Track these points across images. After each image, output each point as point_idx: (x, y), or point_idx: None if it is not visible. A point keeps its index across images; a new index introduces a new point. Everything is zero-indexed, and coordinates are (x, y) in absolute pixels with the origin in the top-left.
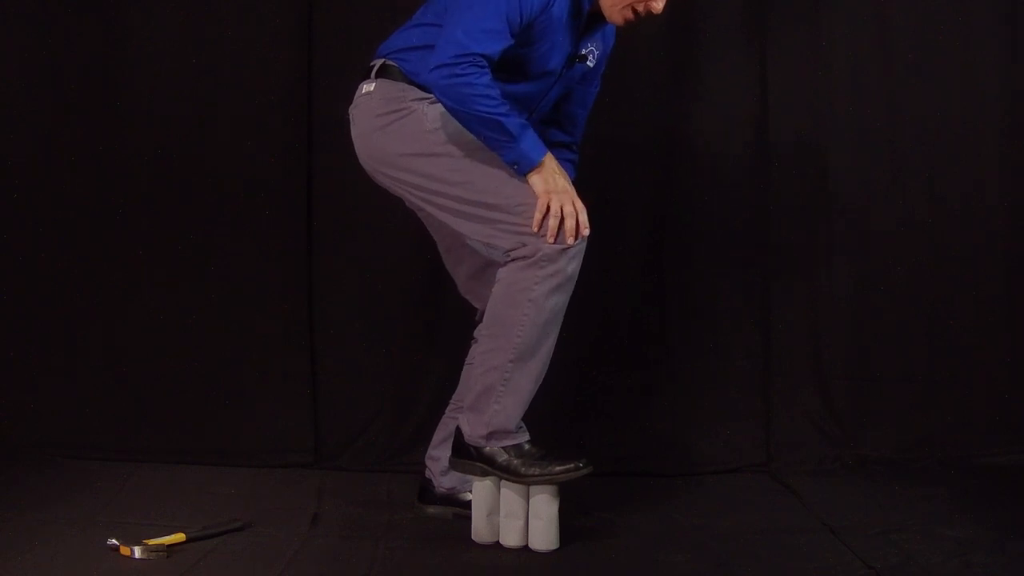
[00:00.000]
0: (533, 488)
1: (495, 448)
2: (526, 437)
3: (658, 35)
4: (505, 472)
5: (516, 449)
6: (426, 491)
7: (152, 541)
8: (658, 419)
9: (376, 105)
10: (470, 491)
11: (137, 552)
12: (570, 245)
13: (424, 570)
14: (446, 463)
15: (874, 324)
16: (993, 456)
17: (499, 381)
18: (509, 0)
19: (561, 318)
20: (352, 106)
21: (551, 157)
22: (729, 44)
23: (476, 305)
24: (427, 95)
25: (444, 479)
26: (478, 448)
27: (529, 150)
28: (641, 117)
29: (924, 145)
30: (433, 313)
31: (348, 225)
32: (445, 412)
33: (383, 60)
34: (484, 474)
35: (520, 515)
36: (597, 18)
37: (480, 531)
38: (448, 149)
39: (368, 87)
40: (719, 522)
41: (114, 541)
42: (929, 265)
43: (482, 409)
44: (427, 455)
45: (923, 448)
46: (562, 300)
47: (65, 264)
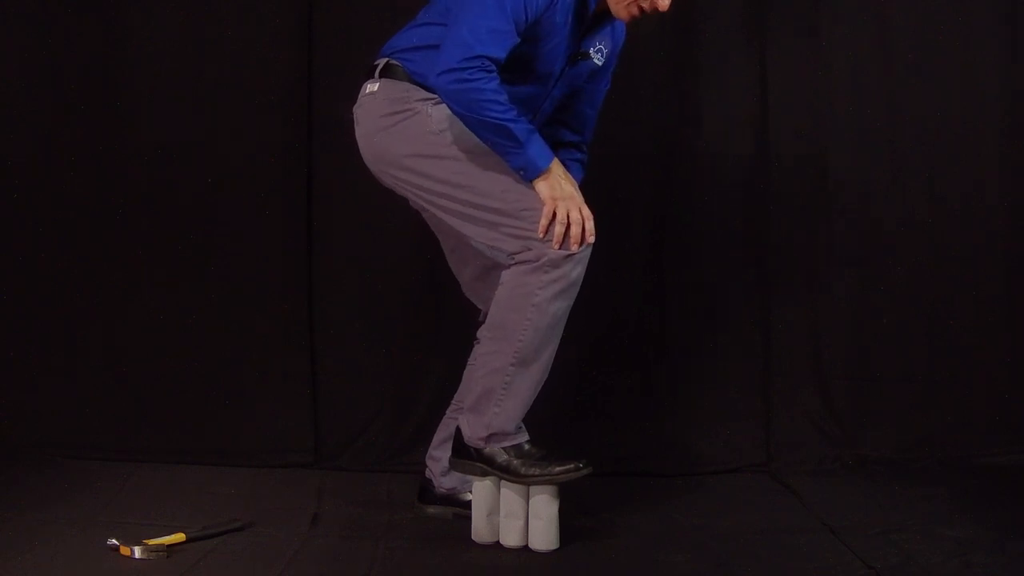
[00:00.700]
0: (533, 488)
1: (495, 448)
2: (525, 437)
3: (658, 35)
4: (505, 472)
5: (516, 449)
6: (426, 491)
7: (152, 541)
8: (658, 419)
9: (380, 105)
10: (470, 491)
11: (137, 552)
12: (575, 252)
13: (424, 570)
14: (446, 463)
15: (874, 324)
16: (993, 456)
17: (500, 384)
18: (501, 13)
19: (564, 322)
20: (356, 105)
21: (558, 163)
22: (729, 45)
23: (479, 306)
24: (432, 96)
25: (444, 479)
26: (478, 449)
27: (536, 156)
28: (641, 117)
29: (924, 145)
30: (433, 313)
31: (348, 225)
32: (446, 412)
33: (387, 59)
34: (484, 474)
35: (520, 515)
36: (604, 15)
37: (480, 531)
38: (453, 152)
39: (372, 87)
40: (719, 522)
41: (114, 541)
42: (929, 265)
43: (482, 411)
44: (427, 455)
45: (923, 448)
46: (565, 305)
47: (65, 264)
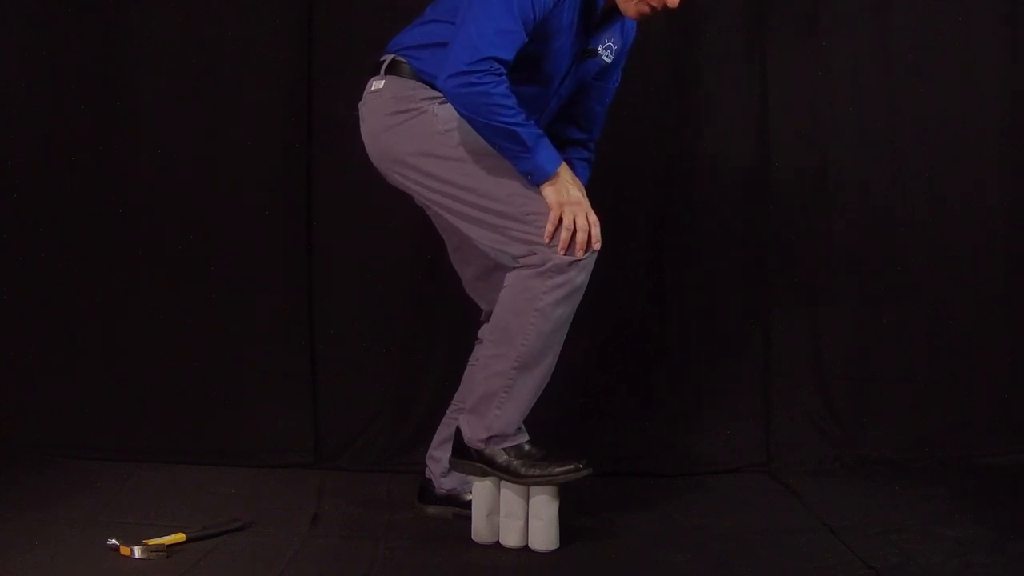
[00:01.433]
0: (533, 488)
1: (495, 449)
2: (525, 438)
3: (659, 36)
4: (505, 473)
5: (516, 450)
6: (426, 491)
7: (152, 541)
8: (658, 419)
9: (386, 103)
10: (470, 492)
11: (137, 552)
12: (580, 258)
13: (424, 570)
14: (447, 464)
15: (874, 324)
16: (993, 456)
17: (502, 387)
18: (508, 15)
19: (567, 327)
20: (361, 103)
21: (566, 167)
22: (729, 44)
23: (481, 306)
24: (438, 94)
25: (445, 480)
26: (478, 450)
27: (544, 161)
28: (641, 117)
29: (924, 145)
30: (433, 313)
31: (348, 225)
32: (446, 413)
33: (393, 56)
34: (484, 474)
35: (520, 515)
36: (614, 12)
37: (480, 531)
38: (459, 153)
39: (378, 84)
40: (719, 522)
41: (114, 541)
42: (929, 265)
43: (483, 413)
44: (428, 455)
45: (923, 448)
46: (569, 310)
47: (65, 264)
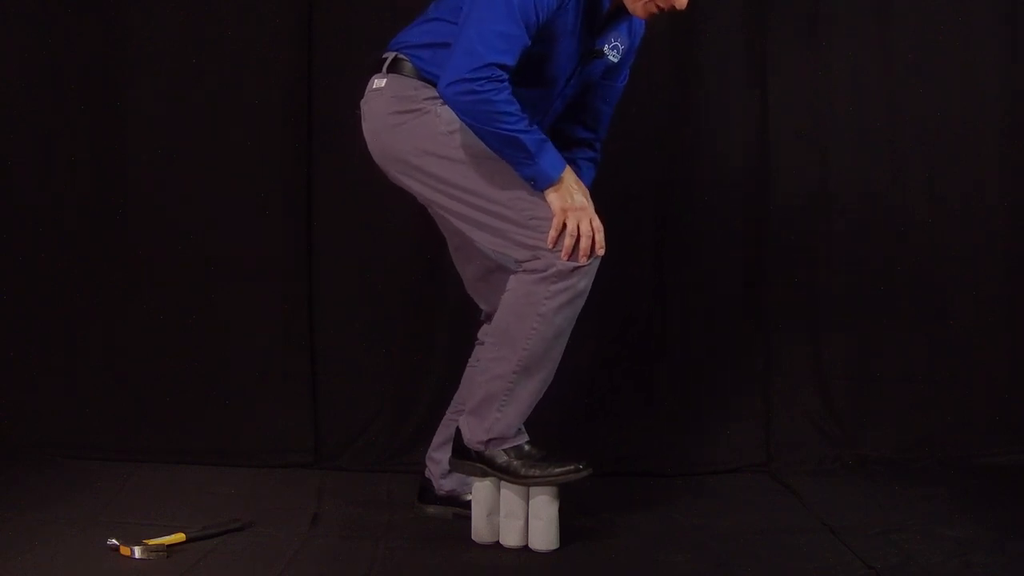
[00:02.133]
0: (533, 489)
1: (495, 450)
2: (525, 439)
3: (659, 36)
4: (505, 473)
5: (516, 450)
6: (426, 491)
7: (152, 541)
8: (658, 419)
9: (387, 102)
10: (470, 492)
11: (137, 552)
12: (583, 264)
13: (424, 570)
14: (447, 465)
15: (874, 324)
16: (993, 456)
17: (503, 390)
18: (508, 19)
19: (569, 331)
20: (363, 100)
21: (570, 172)
22: (729, 44)
23: (481, 306)
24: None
25: (444, 481)
26: (478, 451)
27: (548, 167)
28: (642, 117)
29: (924, 145)
30: (433, 313)
31: (348, 225)
32: (446, 414)
33: (395, 54)
34: (484, 475)
35: (520, 515)
36: (621, 11)
37: (480, 531)
38: (462, 155)
39: (379, 82)
40: (719, 522)
41: (114, 541)
42: (929, 265)
43: (483, 415)
44: (428, 456)
45: (923, 448)
46: (571, 315)
47: (65, 264)
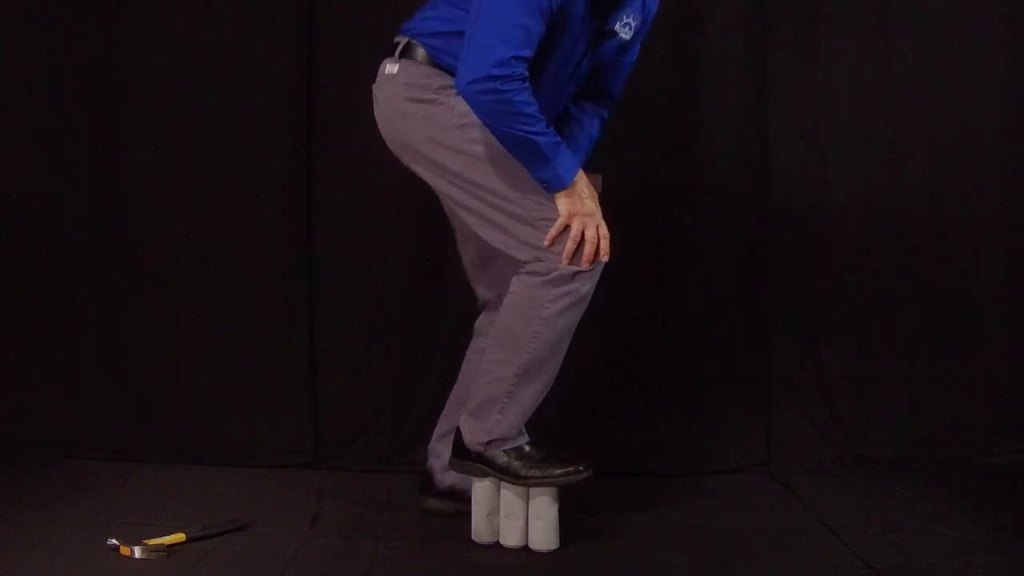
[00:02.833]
0: (533, 489)
1: (495, 451)
2: (526, 439)
3: (658, 36)
4: (505, 474)
5: (516, 451)
6: (428, 484)
7: (152, 541)
8: (658, 419)
9: (401, 89)
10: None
11: (137, 552)
12: (585, 269)
13: (424, 570)
14: (448, 460)
15: (874, 324)
16: (993, 456)
17: (504, 393)
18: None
19: (571, 335)
20: (375, 84)
21: (583, 176)
22: (729, 44)
23: (478, 292)
24: (454, 84)
25: (445, 476)
26: (478, 452)
27: (562, 170)
28: (641, 117)
29: (924, 145)
30: (433, 313)
31: (348, 225)
32: (446, 406)
33: (408, 39)
34: (483, 475)
35: (520, 515)
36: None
37: (480, 531)
38: (474, 148)
39: (392, 68)
40: (719, 522)
41: (114, 541)
42: (929, 265)
43: (484, 417)
44: (429, 448)
45: (923, 448)
46: (573, 319)
47: (65, 264)
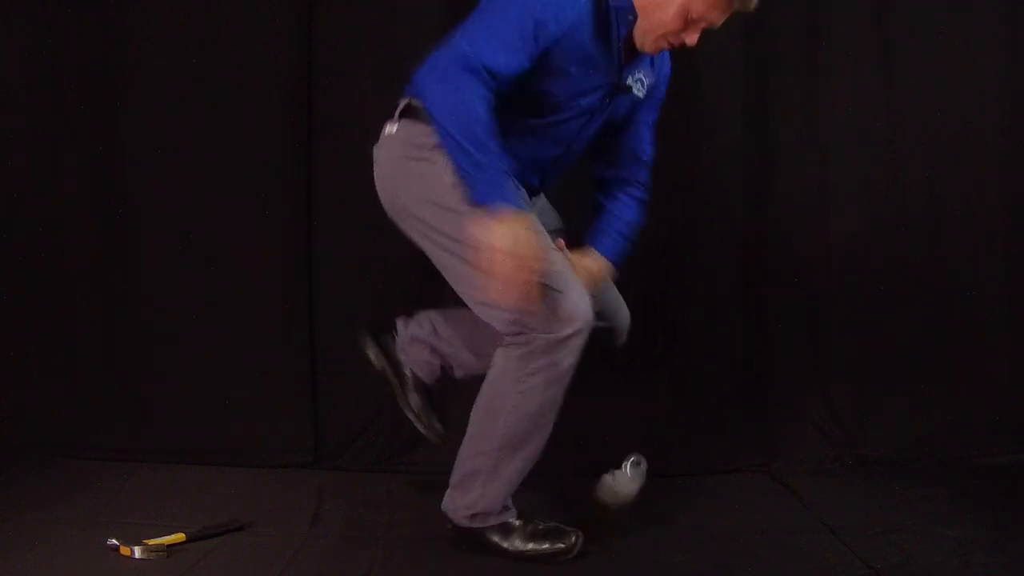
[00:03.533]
0: None
1: (480, 527)
2: (513, 513)
3: None
4: (494, 551)
5: (502, 527)
6: (386, 341)
7: (152, 541)
8: (658, 419)
9: (398, 148)
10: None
11: (137, 552)
12: (566, 335)
13: (424, 570)
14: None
15: (874, 324)
16: (993, 456)
17: (486, 467)
18: (525, 15)
19: (556, 409)
20: (376, 146)
21: (519, 215)
22: (729, 43)
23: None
24: None
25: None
26: (463, 527)
27: (480, 188)
28: None
29: (924, 145)
30: None
31: (348, 225)
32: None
33: (409, 100)
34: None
35: None
36: (636, 60)
37: None
38: (464, 208)
39: (391, 128)
40: (719, 522)
41: (114, 541)
42: (929, 265)
43: (467, 490)
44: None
45: (923, 448)
46: (555, 393)
47: (65, 264)
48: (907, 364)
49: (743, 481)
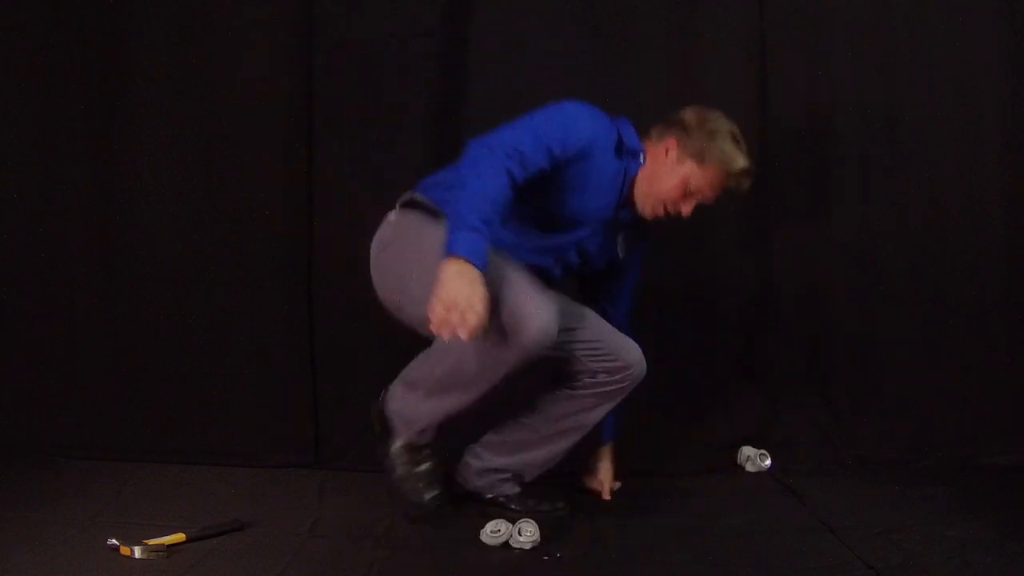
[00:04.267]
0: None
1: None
2: (425, 442)
3: (657, 35)
4: (384, 459)
5: (407, 446)
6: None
7: (152, 541)
8: (658, 419)
9: (390, 230)
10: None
11: (137, 552)
12: (521, 347)
13: (424, 570)
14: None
15: (874, 324)
16: (993, 456)
17: (426, 386)
18: (549, 131)
19: (489, 383)
20: (375, 238)
21: (477, 272)
22: (729, 42)
23: None
24: (439, 220)
25: (471, 478)
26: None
27: (452, 237)
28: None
29: (924, 145)
30: None
31: (348, 225)
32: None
33: (411, 195)
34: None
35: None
36: (630, 208)
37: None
38: (427, 250)
39: (391, 217)
40: (719, 522)
41: (114, 541)
42: (929, 265)
43: (408, 391)
44: (470, 449)
45: (923, 448)
46: (493, 372)
47: (65, 264)
48: (907, 365)
49: (743, 481)
